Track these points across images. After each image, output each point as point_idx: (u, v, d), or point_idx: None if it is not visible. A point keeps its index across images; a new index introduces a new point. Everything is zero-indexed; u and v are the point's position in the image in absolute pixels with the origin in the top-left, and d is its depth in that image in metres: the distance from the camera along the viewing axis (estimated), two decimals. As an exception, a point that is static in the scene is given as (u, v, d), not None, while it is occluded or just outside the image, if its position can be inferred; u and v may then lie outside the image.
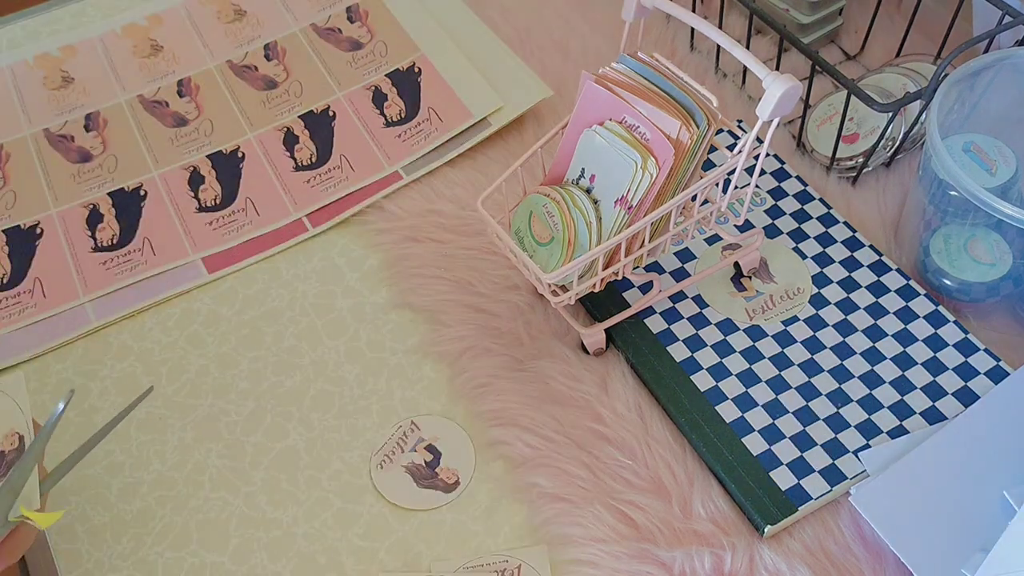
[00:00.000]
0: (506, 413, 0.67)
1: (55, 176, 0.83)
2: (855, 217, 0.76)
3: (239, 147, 0.84)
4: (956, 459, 0.61)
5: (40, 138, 0.86)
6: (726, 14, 0.88)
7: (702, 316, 0.70)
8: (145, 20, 0.95)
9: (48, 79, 0.91)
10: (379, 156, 0.82)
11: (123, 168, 0.84)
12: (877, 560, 0.60)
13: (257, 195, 0.81)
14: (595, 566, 0.60)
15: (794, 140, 0.81)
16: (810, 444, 0.63)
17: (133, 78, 0.90)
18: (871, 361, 0.67)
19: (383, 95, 0.86)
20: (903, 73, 0.79)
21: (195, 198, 0.81)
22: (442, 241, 0.77)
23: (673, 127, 0.59)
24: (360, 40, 0.91)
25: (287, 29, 0.93)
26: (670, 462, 0.64)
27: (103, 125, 0.87)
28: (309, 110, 0.86)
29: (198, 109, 0.87)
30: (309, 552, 0.63)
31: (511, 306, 0.72)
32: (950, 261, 0.70)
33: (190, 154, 0.84)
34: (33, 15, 0.97)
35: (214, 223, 0.80)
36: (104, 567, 0.63)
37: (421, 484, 0.65)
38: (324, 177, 0.82)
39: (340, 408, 0.69)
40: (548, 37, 0.91)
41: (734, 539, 0.61)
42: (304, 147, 0.84)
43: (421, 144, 0.82)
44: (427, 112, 0.84)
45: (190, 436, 0.68)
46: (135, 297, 0.76)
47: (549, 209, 0.62)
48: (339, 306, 0.75)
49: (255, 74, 0.89)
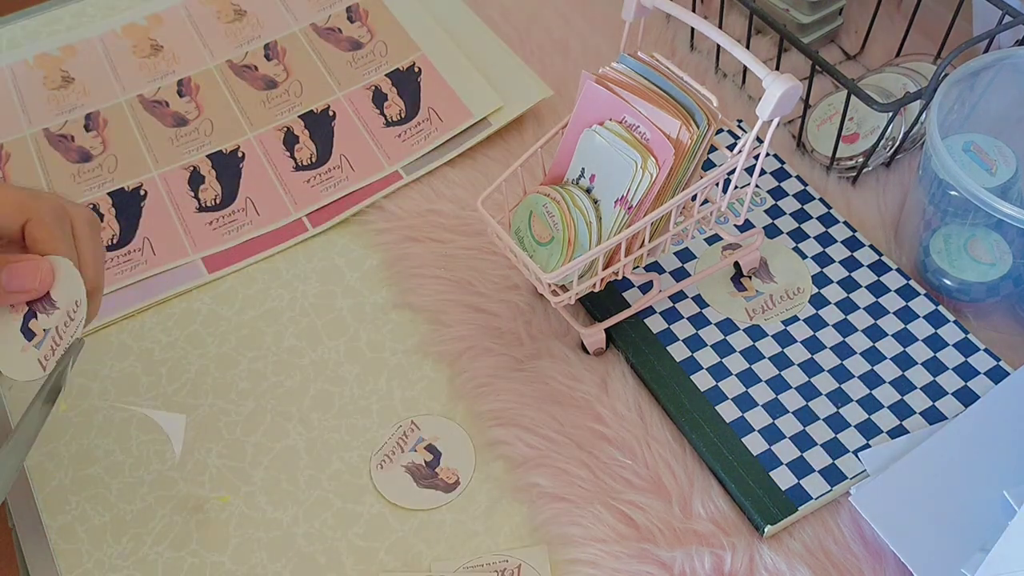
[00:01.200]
0: (506, 413, 0.67)
1: (55, 176, 0.83)
2: (855, 217, 0.76)
3: (239, 147, 0.84)
4: (956, 459, 0.61)
5: (40, 138, 0.86)
6: (726, 14, 0.88)
7: (702, 316, 0.70)
8: (145, 20, 0.95)
9: (48, 79, 0.91)
10: (379, 156, 0.82)
11: (123, 168, 0.84)
12: (877, 560, 0.60)
13: (257, 195, 0.81)
14: (595, 566, 0.60)
15: (794, 140, 0.81)
16: (810, 444, 0.63)
17: (133, 78, 0.90)
18: (871, 361, 0.67)
19: (383, 95, 0.86)
20: (903, 73, 0.79)
21: (195, 198, 0.81)
22: (442, 241, 0.77)
23: (673, 127, 0.59)
24: (360, 40, 0.91)
25: (287, 29, 0.93)
26: (670, 462, 0.64)
27: (103, 125, 0.87)
28: (309, 110, 0.86)
29: (198, 109, 0.87)
30: (309, 552, 0.63)
31: (511, 306, 0.72)
32: (950, 261, 0.70)
33: (190, 154, 0.84)
34: (33, 15, 0.97)
35: (214, 223, 0.80)
36: (104, 567, 0.63)
37: (421, 484, 0.65)
38: (324, 177, 0.82)
39: (340, 408, 0.69)
40: (548, 37, 0.91)
41: (734, 539, 0.61)
42: (304, 147, 0.84)
43: (421, 144, 0.82)
44: (427, 112, 0.84)
45: (190, 436, 0.68)
46: (135, 297, 0.76)
47: (549, 209, 0.62)
48: (339, 306, 0.75)
49: (255, 74, 0.89)
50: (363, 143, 0.83)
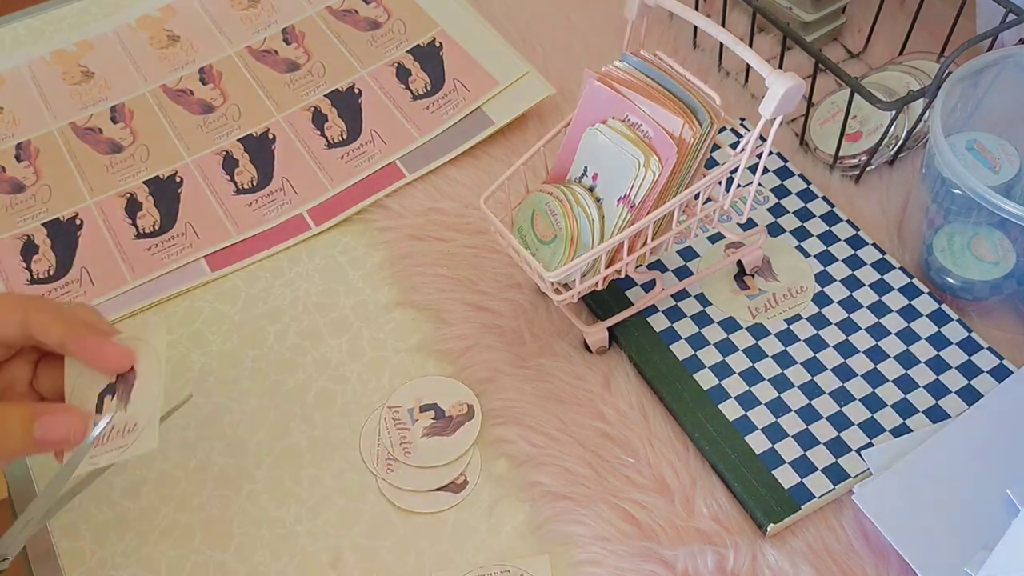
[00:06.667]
0: (509, 411, 0.67)
1: (88, 168, 0.83)
2: (858, 215, 0.76)
3: (268, 129, 0.85)
4: (959, 458, 0.61)
5: (67, 131, 0.86)
6: (729, 12, 0.87)
7: (705, 314, 0.70)
8: (158, 12, 0.96)
9: (67, 74, 0.91)
10: (409, 128, 0.83)
11: (155, 157, 0.84)
12: (880, 559, 0.60)
13: (293, 175, 0.82)
14: (598, 564, 0.60)
15: (797, 138, 0.81)
16: (813, 442, 0.63)
17: (153, 69, 0.91)
18: (874, 359, 0.67)
19: (407, 70, 0.87)
20: (906, 71, 0.79)
21: (232, 182, 0.82)
22: (445, 239, 0.77)
23: (676, 125, 0.59)
24: (378, 20, 0.92)
25: (303, 13, 0.94)
26: (673, 460, 0.64)
27: (130, 116, 0.87)
28: (335, 88, 0.87)
29: (223, 96, 0.88)
30: (312, 551, 0.63)
31: (514, 304, 0.72)
32: (953, 259, 0.70)
33: (220, 139, 0.85)
34: (44, 11, 0.98)
35: (253, 204, 0.80)
36: (107, 565, 0.63)
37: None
38: (357, 152, 0.82)
39: (343, 406, 0.69)
40: (551, 35, 0.91)
41: (737, 538, 0.61)
42: (334, 124, 0.84)
43: (451, 114, 0.83)
44: (453, 83, 0.85)
45: (193, 434, 0.69)
46: (139, 295, 0.76)
47: (552, 207, 0.62)
48: (341, 304, 0.75)
49: (276, 58, 0.90)
50: (391, 117, 0.84)
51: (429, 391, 0.69)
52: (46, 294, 0.76)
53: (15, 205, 0.82)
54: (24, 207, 0.82)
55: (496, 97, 0.84)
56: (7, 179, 0.84)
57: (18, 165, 0.85)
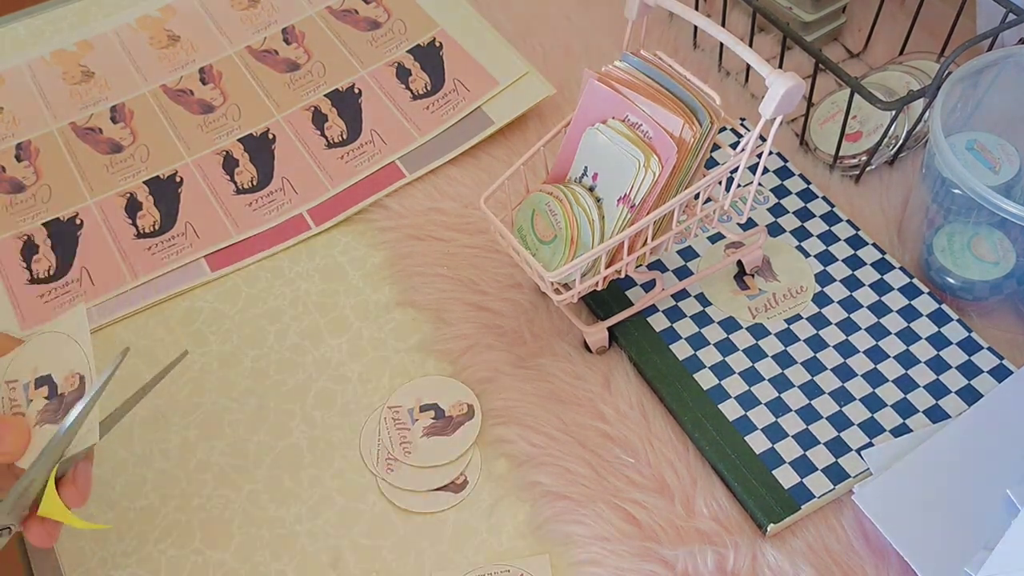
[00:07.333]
0: (509, 411, 0.67)
1: (88, 168, 0.83)
2: (858, 215, 0.76)
3: (268, 129, 0.85)
4: (959, 458, 0.61)
5: (67, 131, 0.87)
6: (729, 12, 0.87)
7: (705, 314, 0.70)
8: (158, 11, 0.96)
9: (67, 74, 0.91)
10: (409, 128, 0.83)
11: (155, 157, 0.84)
12: (880, 559, 0.60)
13: (293, 175, 0.82)
14: (598, 564, 0.60)
15: (797, 138, 0.81)
16: (813, 442, 0.63)
17: (154, 69, 0.91)
18: (874, 359, 0.67)
19: (407, 70, 0.88)
20: (906, 71, 0.79)
21: (232, 181, 0.82)
22: (445, 239, 0.77)
23: (676, 125, 0.59)
24: (378, 20, 0.92)
25: (303, 13, 0.94)
26: (673, 460, 0.64)
27: (130, 116, 0.88)
28: (335, 88, 0.87)
29: (223, 96, 0.88)
30: (312, 550, 0.63)
31: (514, 304, 0.72)
32: (953, 259, 0.70)
33: (221, 139, 0.85)
34: (44, 11, 0.98)
35: (253, 204, 0.80)
36: (108, 565, 0.63)
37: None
38: (357, 152, 0.82)
39: (343, 406, 0.69)
40: (551, 35, 0.91)
41: (737, 537, 0.61)
42: (334, 124, 0.85)
43: (451, 114, 0.84)
44: (453, 83, 0.86)
45: (193, 434, 0.69)
46: (138, 295, 0.76)
47: (552, 207, 0.62)
48: (342, 304, 0.75)
49: (276, 58, 0.90)
50: (392, 117, 0.84)
51: (429, 391, 0.69)
52: (46, 294, 0.76)
53: (15, 205, 0.82)
54: (24, 207, 0.82)
55: (496, 97, 0.84)
56: (7, 179, 0.84)
57: (18, 165, 0.85)
